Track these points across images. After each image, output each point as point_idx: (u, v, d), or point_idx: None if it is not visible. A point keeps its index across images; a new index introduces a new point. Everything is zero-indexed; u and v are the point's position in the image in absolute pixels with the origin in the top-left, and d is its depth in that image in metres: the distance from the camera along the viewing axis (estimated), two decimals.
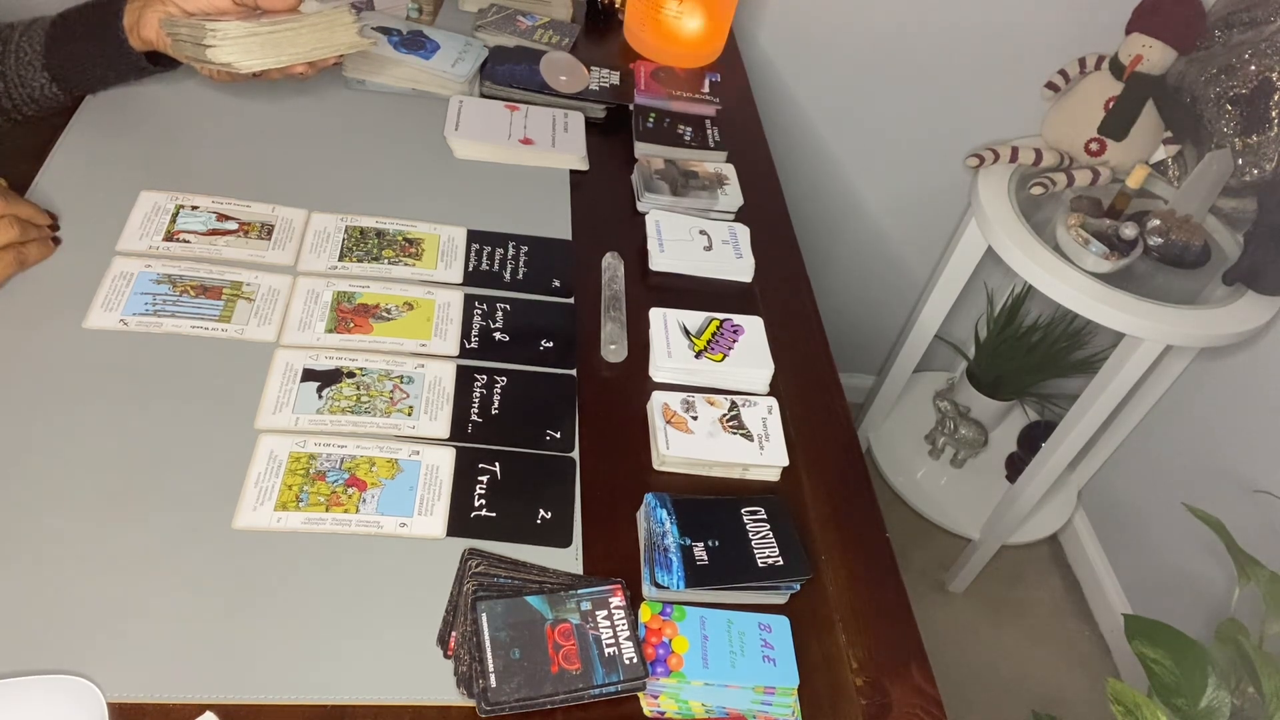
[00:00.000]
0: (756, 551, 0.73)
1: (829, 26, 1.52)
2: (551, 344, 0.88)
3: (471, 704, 0.63)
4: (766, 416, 0.85)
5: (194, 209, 0.91)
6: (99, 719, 0.58)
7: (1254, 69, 1.36)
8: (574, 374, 0.86)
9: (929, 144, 1.69)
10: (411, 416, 0.79)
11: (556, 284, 0.94)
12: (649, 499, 0.74)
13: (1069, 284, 1.33)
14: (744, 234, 1.03)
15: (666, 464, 0.80)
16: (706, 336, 0.90)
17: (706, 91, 1.22)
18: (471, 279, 0.92)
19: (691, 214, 1.05)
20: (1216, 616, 1.54)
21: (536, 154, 1.07)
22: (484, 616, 0.65)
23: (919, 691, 0.71)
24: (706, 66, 1.29)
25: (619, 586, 0.69)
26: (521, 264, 0.95)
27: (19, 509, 0.67)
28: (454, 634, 0.66)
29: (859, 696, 0.70)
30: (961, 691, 1.74)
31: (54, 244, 0.84)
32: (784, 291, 1.01)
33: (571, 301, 0.93)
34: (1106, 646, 1.86)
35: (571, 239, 0.99)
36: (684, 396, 0.84)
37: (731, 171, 1.10)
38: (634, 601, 0.69)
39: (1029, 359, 1.86)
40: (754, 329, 0.92)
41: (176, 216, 0.89)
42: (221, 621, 0.64)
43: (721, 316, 0.93)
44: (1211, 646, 1.21)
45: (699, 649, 0.67)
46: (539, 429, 0.80)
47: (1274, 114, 1.35)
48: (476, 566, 0.69)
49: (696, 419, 0.83)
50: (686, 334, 0.90)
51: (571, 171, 1.08)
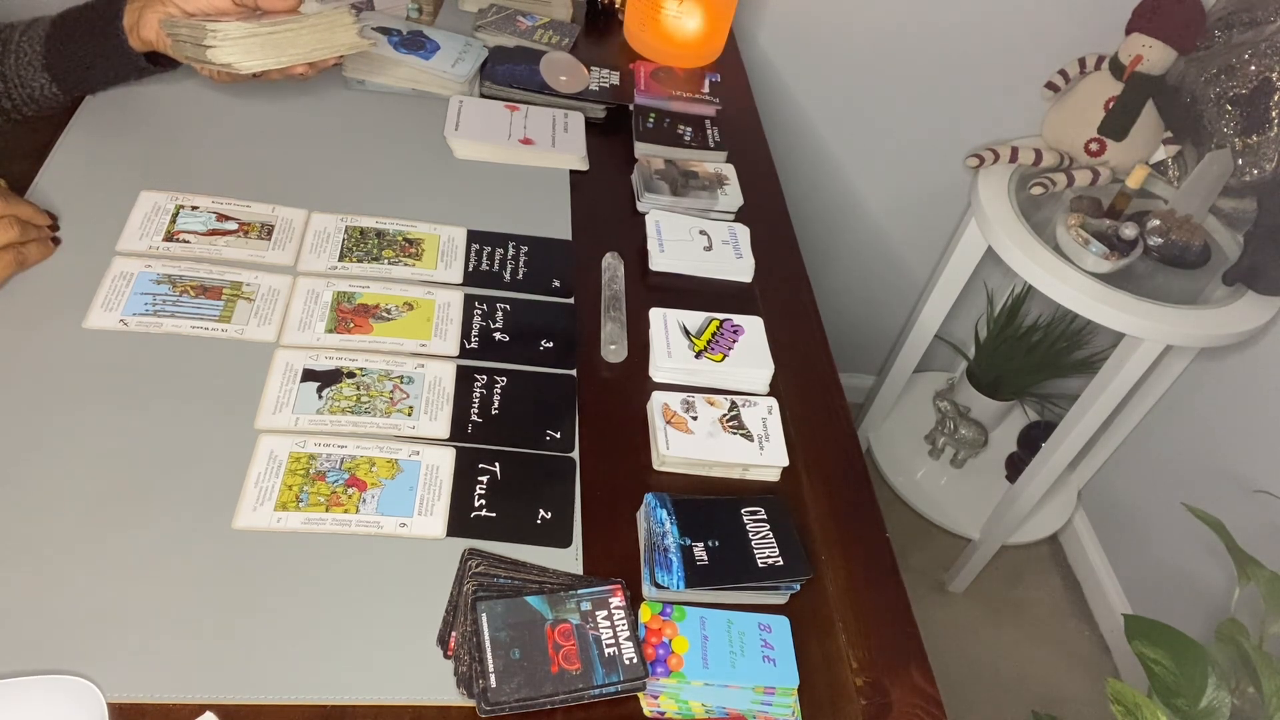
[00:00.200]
0: (756, 551, 0.73)
1: (829, 26, 1.52)
2: (551, 344, 0.88)
3: (471, 704, 0.63)
4: (766, 416, 0.85)
5: (194, 209, 0.91)
6: (99, 719, 0.58)
7: (1254, 69, 1.36)
8: (574, 374, 0.86)
9: (929, 144, 1.69)
10: (411, 416, 0.79)
11: (556, 284, 0.94)
12: (649, 499, 0.74)
13: (1069, 284, 1.33)
14: (744, 234, 1.03)
15: (666, 464, 0.80)
16: (706, 336, 0.90)
17: (706, 91, 1.22)
18: (471, 279, 0.92)
19: (691, 214, 1.05)
20: (1216, 616, 1.54)
21: (536, 154, 1.07)
22: (484, 616, 0.65)
23: (919, 691, 0.71)
24: (706, 66, 1.29)
25: (619, 586, 0.69)
26: (521, 264, 0.95)
27: (19, 509, 0.67)
28: (454, 634, 0.66)
29: (859, 696, 0.70)
30: (961, 691, 1.74)
31: (54, 244, 0.84)
32: (784, 291, 1.01)
33: (571, 301, 0.93)
34: (1106, 646, 1.86)
35: (571, 239, 0.99)
36: (684, 396, 0.84)
37: (731, 171, 1.10)
38: (634, 601, 0.69)
39: (1029, 359, 1.86)
40: (754, 329, 0.92)
41: (176, 216, 0.89)
42: (221, 621, 0.64)
43: (721, 316, 0.93)
44: (1211, 646, 1.21)
45: (699, 649, 0.67)
46: (539, 429, 0.80)
47: (1274, 114, 1.35)
48: (476, 566, 0.69)
49: (696, 419, 0.83)
50: (686, 334, 0.90)
51: (571, 171, 1.08)
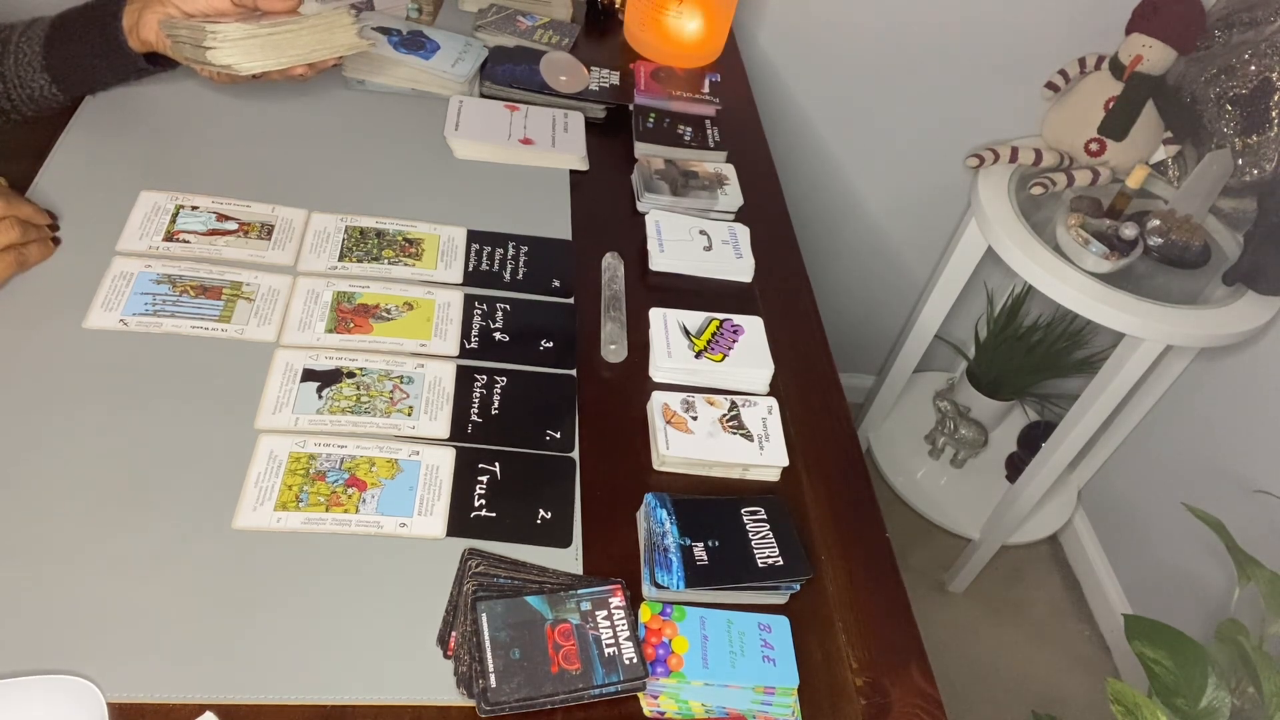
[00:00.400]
0: (756, 552, 0.73)
1: (829, 26, 1.52)
2: (551, 344, 0.88)
3: (471, 704, 0.63)
4: (766, 416, 0.85)
5: (194, 209, 0.91)
6: (99, 719, 0.58)
7: (1254, 69, 1.36)
8: (574, 374, 0.86)
9: (929, 144, 1.69)
10: (411, 416, 0.79)
11: (556, 284, 0.94)
12: (649, 499, 0.74)
13: (1069, 284, 1.33)
14: (744, 234, 1.03)
15: (666, 464, 0.80)
16: (706, 336, 0.90)
17: (706, 91, 1.22)
18: (471, 279, 0.92)
19: (691, 214, 1.05)
20: (1216, 616, 1.54)
21: (536, 154, 1.07)
22: (484, 616, 0.65)
23: (919, 691, 0.71)
24: (706, 66, 1.29)
25: (619, 586, 0.69)
26: (521, 264, 0.95)
27: (19, 509, 0.67)
28: (454, 634, 0.66)
29: (859, 696, 0.70)
30: (961, 691, 1.74)
31: (54, 244, 0.84)
32: (784, 291, 1.01)
33: (571, 301, 0.93)
34: (1106, 646, 1.86)
35: (571, 239, 0.99)
36: (684, 396, 0.84)
37: (731, 171, 1.10)
38: (634, 601, 0.69)
39: (1029, 359, 1.86)
40: (754, 329, 0.92)
41: (176, 216, 0.89)
42: (221, 621, 0.64)
43: (721, 316, 0.93)
44: (1211, 646, 1.22)
45: (699, 649, 0.67)
46: (539, 429, 0.80)
47: (1274, 114, 1.35)
48: (476, 566, 0.69)
49: (696, 419, 0.83)
50: (686, 334, 0.90)
51: (571, 171, 1.08)
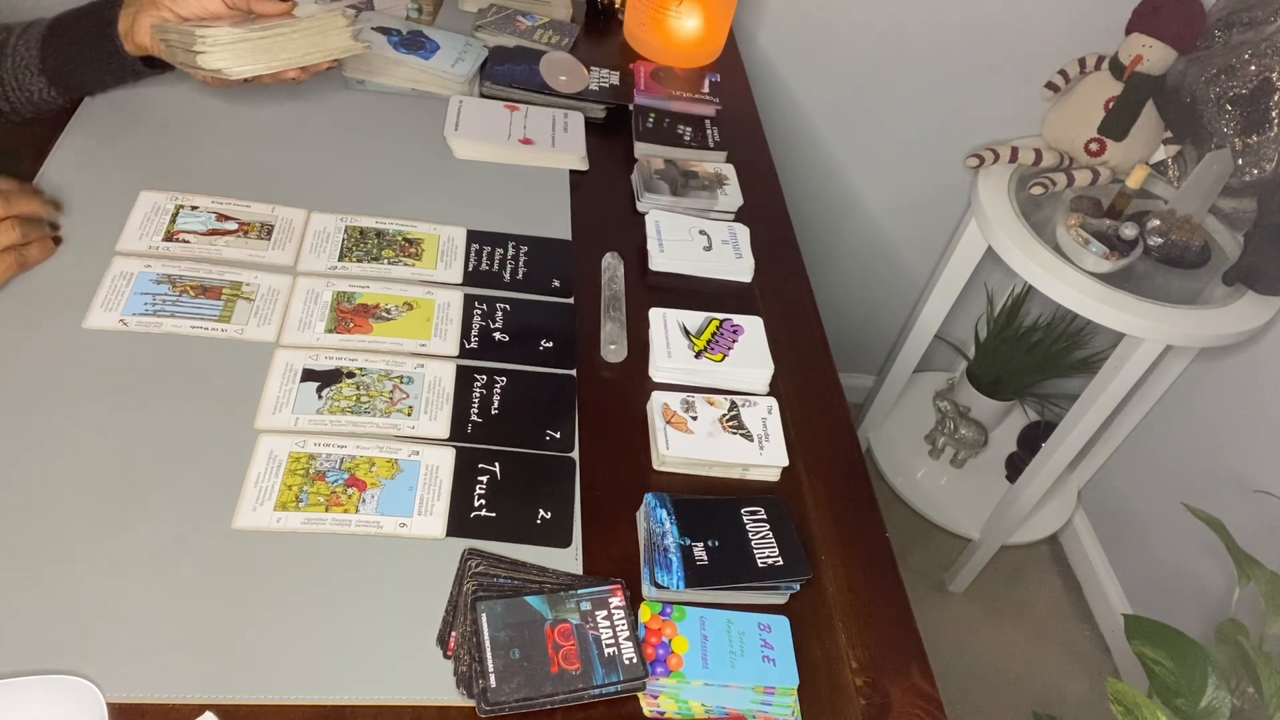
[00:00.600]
0: (756, 552, 0.73)
1: (829, 26, 1.52)
2: (551, 344, 0.88)
3: (471, 704, 0.63)
4: (766, 416, 0.85)
5: (194, 209, 0.91)
6: (99, 719, 0.58)
7: (1254, 69, 1.36)
8: (574, 374, 0.86)
9: (929, 144, 1.69)
10: (411, 416, 0.79)
11: (556, 284, 0.94)
12: (649, 499, 0.74)
13: (1069, 284, 1.33)
14: (744, 234, 1.03)
15: (666, 464, 0.80)
16: (706, 336, 0.90)
17: (706, 91, 1.22)
18: (471, 279, 0.92)
19: (691, 214, 1.05)
20: (1216, 616, 1.54)
21: (536, 154, 1.07)
22: (484, 616, 0.65)
23: (919, 691, 0.71)
24: (706, 66, 1.29)
25: (619, 586, 0.69)
26: (521, 264, 0.95)
27: (19, 509, 0.67)
28: (454, 634, 0.66)
29: (859, 696, 0.70)
30: (961, 691, 1.74)
31: (55, 243, 0.84)
32: (784, 292, 1.01)
33: (571, 301, 0.93)
34: (1106, 646, 1.86)
35: (571, 239, 0.99)
36: (684, 396, 0.84)
37: (731, 171, 1.10)
38: (634, 601, 0.69)
39: (1029, 359, 1.86)
40: (754, 329, 0.92)
41: (176, 216, 0.89)
42: (221, 621, 0.64)
43: (721, 316, 0.93)
44: (1211, 647, 1.21)
45: (699, 649, 0.67)
46: (539, 429, 0.80)
47: (1274, 114, 1.35)
48: (476, 566, 0.69)
49: (696, 419, 0.83)
50: (686, 334, 0.90)
51: (571, 171, 1.08)
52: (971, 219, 1.55)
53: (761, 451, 0.82)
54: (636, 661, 0.65)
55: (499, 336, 0.87)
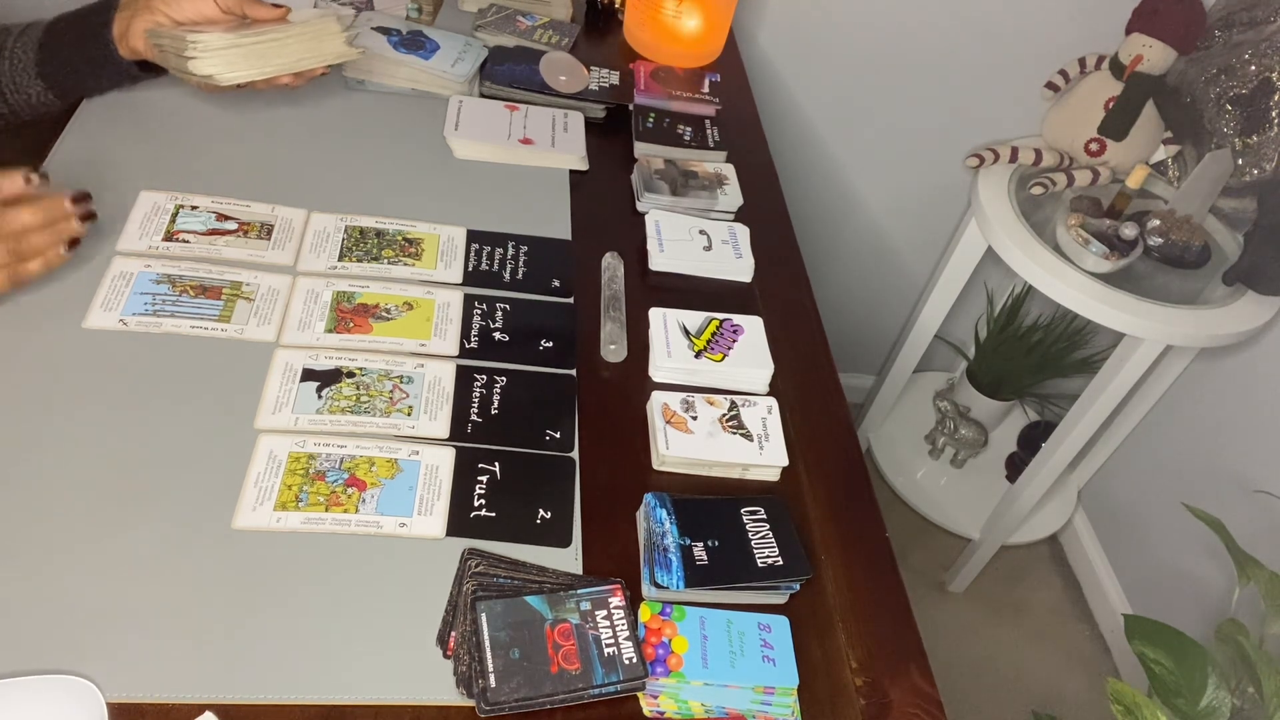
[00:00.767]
0: (756, 551, 0.73)
1: (829, 26, 1.52)
2: (551, 344, 0.88)
3: (471, 704, 0.63)
4: (766, 416, 0.85)
5: (193, 209, 0.91)
6: (99, 719, 0.58)
7: (1254, 69, 1.36)
8: (574, 374, 0.86)
9: (929, 144, 1.69)
10: (411, 416, 0.79)
11: (556, 284, 0.94)
12: (649, 499, 0.74)
13: (1069, 284, 1.33)
14: (744, 234, 1.03)
15: (666, 464, 0.80)
16: (706, 336, 0.90)
17: (706, 91, 1.22)
18: (471, 279, 0.92)
19: (691, 214, 1.05)
20: (1216, 616, 1.54)
21: (536, 154, 1.07)
22: (483, 616, 0.65)
23: (919, 691, 0.71)
24: (706, 66, 1.29)
25: (618, 586, 0.69)
26: (521, 264, 0.95)
27: (19, 509, 0.67)
28: (454, 634, 0.66)
29: (859, 696, 0.70)
30: (961, 691, 1.74)
31: (72, 246, 0.79)
32: (784, 291, 1.01)
33: (571, 301, 0.93)
34: (1106, 646, 1.86)
35: (571, 239, 0.99)
36: (684, 396, 0.84)
37: (731, 171, 1.10)
38: (634, 601, 0.69)
39: (1029, 359, 1.86)
40: (754, 329, 0.92)
41: (176, 216, 0.90)
42: (221, 621, 0.64)
43: (721, 316, 0.93)
44: (1211, 646, 1.21)
45: (698, 649, 0.67)
46: (539, 429, 0.80)
47: (1274, 114, 1.35)
48: (476, 566, 0.69)
49: (696, 419, 0.83)
50: (686, 334, 0.90)
51: (571, 171, 1.08)
52: (971, 219, 1.55)
53: (761, 451, 0.82)
54: (636, 661, 0.65)
55: (499, 336, 0.87)
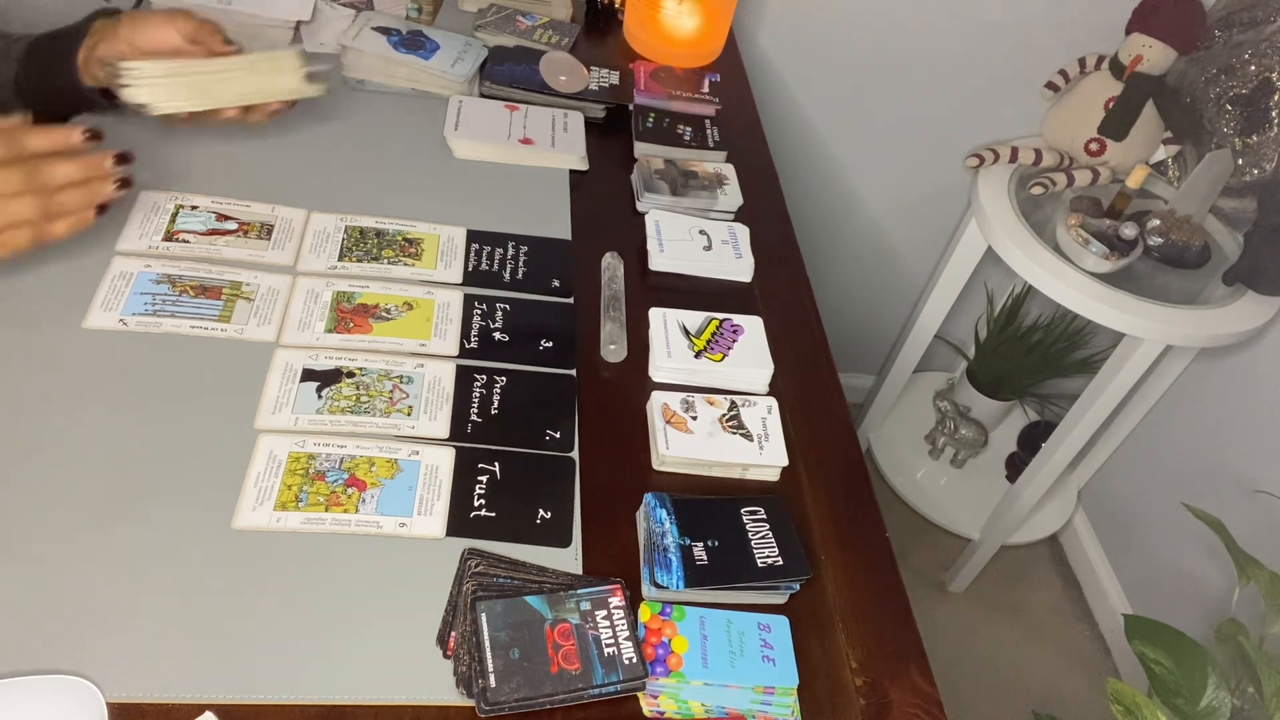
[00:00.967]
0: (756, 551, 0.73)
1: (829, 26, 1.52)
2: (551, 344, 0.88)
3: (471, 704, 0.63)
4: (766, 416, 0.85)
5: (193, 209, 0.91)
6: (99, 719, 0.58)
7: (1254, 69, 1.36)
8: (574, 374, 0.86)
9: (929, 144, 1.69)
10: (411, 416, 0.79)
11: (556, 284, 0.94)
12: (648, 499, 0.74)
13: (1069, 284, 1.33)
14: (744, 234, 1.03)
15: (666, 464, 0.80)
16: (706, 336, 0.90)
17: (706, 91, 1.22)
18: (471, 279, 0.92)
19: (691, 214, 1.05)
20: (1216, 616, 1.54)
21: (536, 154, 1.07)
22: (483, 616, 0.65)
23: (919, 691, 0.71)
24: (706, 66, 1.29)
25: (618, 586, 0.69)
26: (521, 264, 0.95)
27: (19, 509, 0.67)
28: (454, 634, 0.66)
29: (859, 696, 0.70)
30: (961, 691, 1.74)
31: (97, 212, 0.78)
32: (784, 291, 1.01)
33: (571, 301, 0.93)
34: (1106, 646, 1.86)
35: (571, 239, 0.99)
36: (684, 396, 0.84)
37: (731, 171, 1.10)
38: (633, 601, 0.69)
39: (1029, 359, 1.86)
40: (754, 329, 0.92)
41: (176, 216, 0.90)
42: (221, 621, 0.64)
43: (721, 316, 0.93)
44: (1211, 646, 1.21)
45: (698, 649, 0.67)
46: (539, 429, 0.80)
47: (1274, 114, 1.35)
48: (476, 566, 0.69)
49: (696, 419, 0.83)
50: (686, 334, 0.90)
51: (571, 171, 1.08)
52: (971, 219, 1.55)
53: (761, 451, 0.82)
54: (636, 661, 0.65)
55: (499, 336, 0.87)
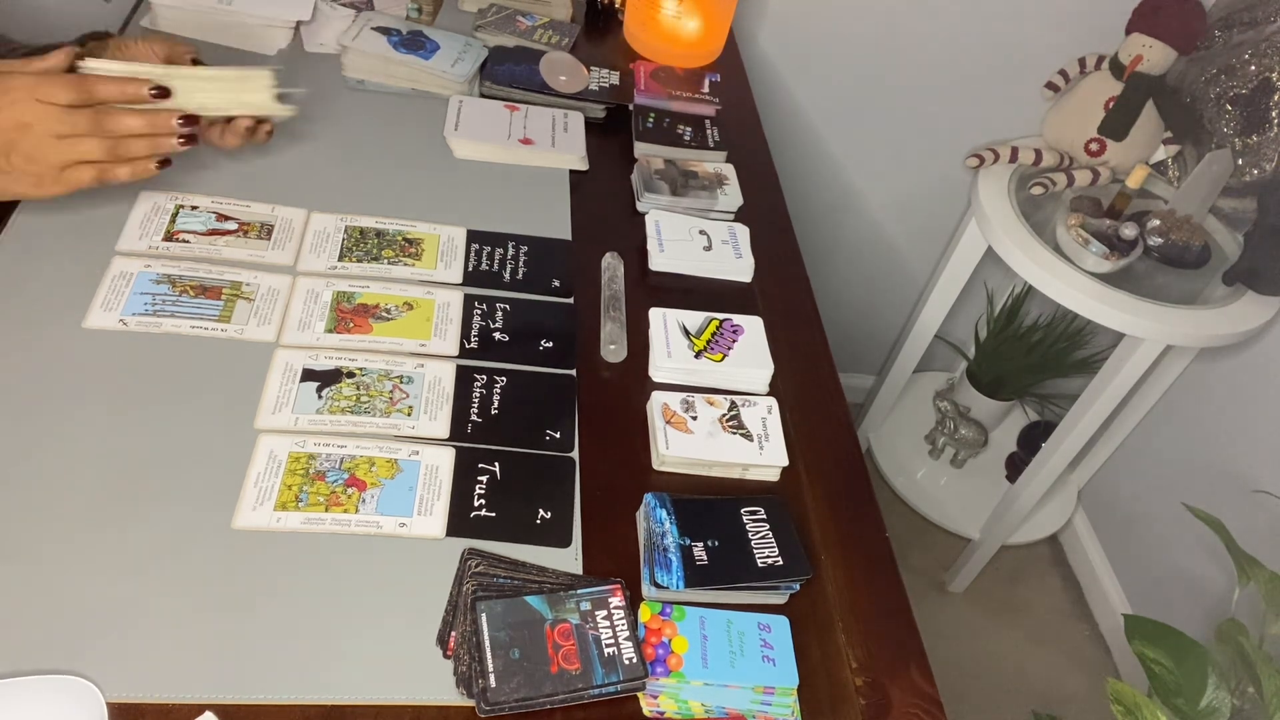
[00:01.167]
0: (756, 551, 0.73)
1: (829, 26, 1.52)
2: (551, 344, 0.88)
3: (471, 704, 0.63)
4: (766, 416, 0.85)
5: (193, 209, 0.91)
6: (99, 719, 0.58)
7: (1254, 69, 1.36)
8: (574, 374, 0.86)
9: (929, 144, 1.69)
10: (411, 416, 0.79)
11: (556, 284, 0.94)
12: (648, 499, 0.74)
13: (1069, 284, 1.33)
14: (744, 234, 1.03)
15: (666, 464, 0.80)
16: (706, 336, 0.90)
17: (706, 91, 1.22)
18: (471, 279, 0.92)
19: (691, 214, 1.05)
20: (1216, 616, 1.54)
21: (536, 154, 1.07)
22: (483, 616, 0.65)
23: (919, 691, 0.71)
24: (706, 66, 1.29)
25: (618, 586, 0.69)
26: (521, 264, 0.95)
27: (19, 509, 0.67)
28: (454, 634, 0.66)
29: (859, 696, 0.70)
30: (961, 691, 1.74)
31: (156, 167, 0.80)
32: (784, 291, 1.01)
33: (571, 301, 0.93)
34: (1106, 646, 1.86)
35: (571, 239, 0.99)
36: (684, 396, 0.84)
37: (731, 171, 1.10)
38: (633, 601, 0.69)
39: (1029, 359, 1.86)
40: (754, 329, 0.92)
41: (176, 216, 0.90)
42: (221, 621, 0.64)
43: (721, 316, 0.93)
44: (1211, 646, 1.21)
45: (698, 649, 0.67)
46: (539, 429, 0.80)
47: (1274, 114, 1.35)
48: (476, 566, 0.69)
49: (696, 419, 0.83)
50: (686, 334, 0.90)
51: (571, 171, 1.08)
52: (971, 219, 1.55)
53: (761, 451, 0.82)
54: (636, 661, 0.65)
55: (499, 336, 0.87)
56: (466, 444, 0.78)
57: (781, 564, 0.72)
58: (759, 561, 0.72)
